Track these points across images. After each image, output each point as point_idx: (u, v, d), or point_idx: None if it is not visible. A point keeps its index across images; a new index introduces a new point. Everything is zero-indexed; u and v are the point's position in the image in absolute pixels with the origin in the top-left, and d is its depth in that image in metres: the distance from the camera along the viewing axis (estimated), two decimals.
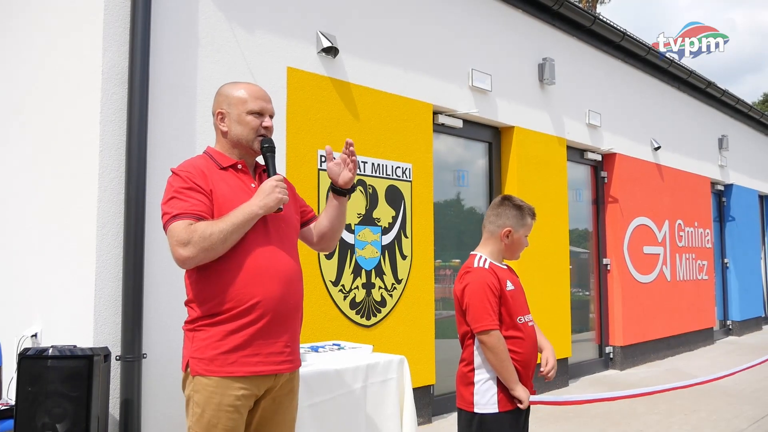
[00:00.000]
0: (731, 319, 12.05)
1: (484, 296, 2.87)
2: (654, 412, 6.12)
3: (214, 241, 2.33)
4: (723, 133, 11.72)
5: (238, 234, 2.39)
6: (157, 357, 3.78)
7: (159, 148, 3.90)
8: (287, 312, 2.50)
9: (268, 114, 2.63)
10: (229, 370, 2.38)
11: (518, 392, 2.90)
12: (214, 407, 2.38)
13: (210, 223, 2.36)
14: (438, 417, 5.77)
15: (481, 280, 2.91)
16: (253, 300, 2.41)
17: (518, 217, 3.07)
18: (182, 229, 2.35)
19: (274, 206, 2.45)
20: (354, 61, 5.21)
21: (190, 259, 2.36)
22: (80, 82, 3.91)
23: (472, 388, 2.93)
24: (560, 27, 7.63)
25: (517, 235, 3.06)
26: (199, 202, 2.42)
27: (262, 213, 2.43)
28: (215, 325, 2.41)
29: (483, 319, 2.86)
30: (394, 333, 5.32)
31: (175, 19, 4.07)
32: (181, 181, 2.46)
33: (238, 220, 2.37)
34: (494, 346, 2.85)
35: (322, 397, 3.45)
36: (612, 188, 8.62)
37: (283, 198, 2.47)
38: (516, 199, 3.12)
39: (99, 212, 3.68)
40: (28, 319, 4.09)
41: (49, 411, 3.10)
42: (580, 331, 8.14)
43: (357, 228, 5.13)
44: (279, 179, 2.50)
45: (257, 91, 2.66)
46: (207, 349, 2.41)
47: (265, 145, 2.59)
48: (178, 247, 2.35)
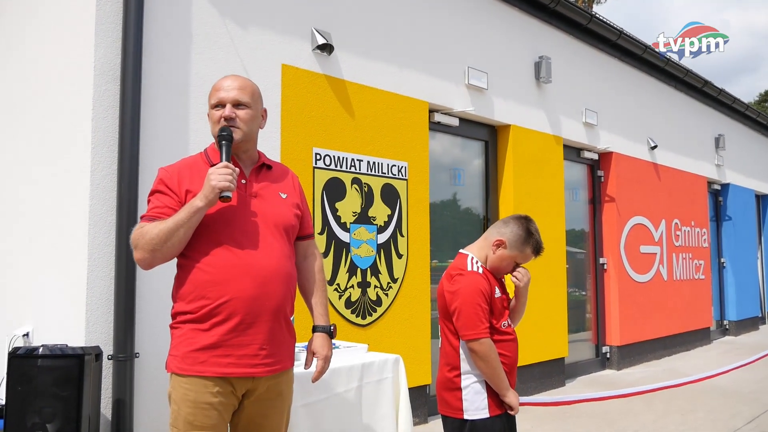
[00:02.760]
0: (728, 319, 12.04)
1: (476, 303, 2.75)
2: (650, 411, 6.10)
3: (156, 242, 2.32)
4: (719, 133, 11.71)
5: (184, 230, 2.32)
6: (149, 356, 3.74)
7: (151, 146, 3.86)
8: (262, 313, 2.40)
9: (229, 102, 2.50)
10: (199, 369, 2.35)
11: (509, 398, 2.81)
12: (190, 404, 2.34)
13: (156, 224, 2.35)
14: (434, 417, 5.73)
15: (474, 286, 2.78)
16: (223, 299, 2.35)
17: (520, 239, 2.90)
18: (135, 231, 2.41)
19: (212, 195, 2.30)
20: (349, 59, 5.18)
21: (141, 261, 2.40)
22: (72, 79, 3.87)
23: (460, 393, 2.83)
24: (557, 25, 7.60)
25: (507, 253, 2.90)
26: (162, 205, 2.42)
27: (202, 204, 2.31)
28: (187, 322, 2.39)
29: (475, 326, 2.74)
30: (389, 332, 5.29)
31: (168, 16, 4.03)
32: (156, 183, 2.50)
33: (179, 217, 2.33)
34: (486, 355, 2.75)
35: (317, 396, 3.41)
36: (608, 187, 8.60)
37: (222, 185, 2.29)
38: (533, 226, 2.94)
39: (91, 210, 3.64)
40: (20, 318, 4.05)
41: (40, 411, 3.07)
42: (576, 331, 8.11)
43: (352, 227, 5.10)
44: (221, 166, 2.34)
45: (221, 82, 2.56)
46: (180, 346, 2.39)
47: (221, 134, 2.45)
48: (133, 249, 2.41)
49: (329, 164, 4.96)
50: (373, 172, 5.28)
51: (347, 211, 5.07)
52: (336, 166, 5.01)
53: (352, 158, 5.12)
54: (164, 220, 2.35)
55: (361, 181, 5.19)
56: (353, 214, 5.12)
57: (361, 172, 5.19)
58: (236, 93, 2.52)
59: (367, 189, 5.24)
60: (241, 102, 2.52)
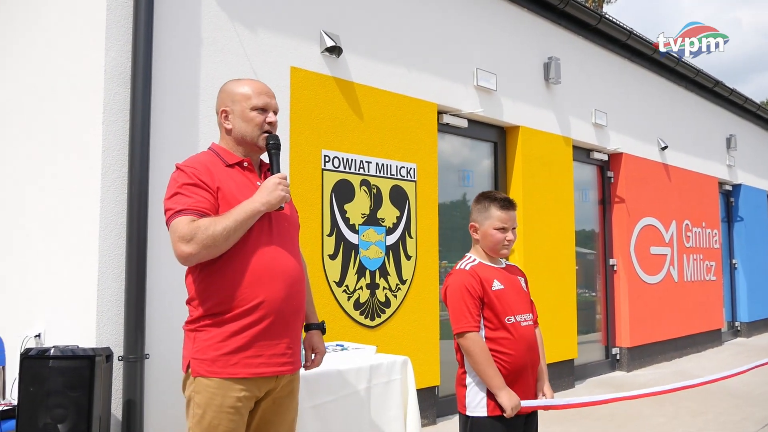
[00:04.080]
0: (739, 321, 11.96)
1: (460, 298, 2.84)
2: (660, 414, 6.08)
3: (217, 239, 2.30)
4: (731, 133, 11.64)
5: (241, 231, 2.36)
6: (159, 357, 3.77)
7: (161, 148, 3.89)
8: (290, 313, 2.48)
9: (272, 110, 2.59)
10: (231, 372, 2.36)
11: (501, 398, 2.77)
12: (215, 409, 2.35)
13: (213, 220, 2.33)
14: (442, 418, 5.73)
15: (458, 282, 2.88)
16: (256, 300, 2.38)
17: (480, 209, 3.01)
18: (185, 225, 2.31)
19: (276, 204, 2.43)
20: (358, 61, 5.19)
21: (192, 255, 2.32)
22: (83, 82, 3.91)
23: (465, 390, 2.90)
24: (566, 26, 7.59)
25: (483, 229, 2.98)
26: (203, 199, 2.39)
27: (264, 210, 2.40)
28: (217, 325, 2.38)
29: (458, 320, 2.83)
30: (398, 334, 5.30)
31: (177, 19, 4.06)
32: (186, 177, 2.43)
33: (240, 217, 2.34)
34: (469, 348, 2.80)
35: (325, 398, 3.43)
36: (618, 188, 8.58)
37: (286, 196, 2.45)
38: (485, 193, 3.06)
39: (102, 212, 3.67)
40: (31, 320, 4.08)
41: (51, 411, 3.10)
42: (586, 332, 8.09)
43: (361, 228, 5.12)
44: (282, 177, 2.48)
45: (260, 86, 2.62)
46: (209, 349, 2.38)
47: (270, 142, 2.55)
48: (181, 243, 2.31)
49: (338, 166, 4.97)
50: (381, 173, 5.29)
51: (356, 213, 5.09)
52: (345, 167, 5.02)
53: (361, 160, 5.14)
54: (221, 218, 2.34)
55: (369, 182, 5.21)
56: (362, 216, 5.13)
57: (369, 174, 5.20)
58: (275, 101, 2.63)
59: (376, 191, 5.26)
60: (276, 111, 2.63)
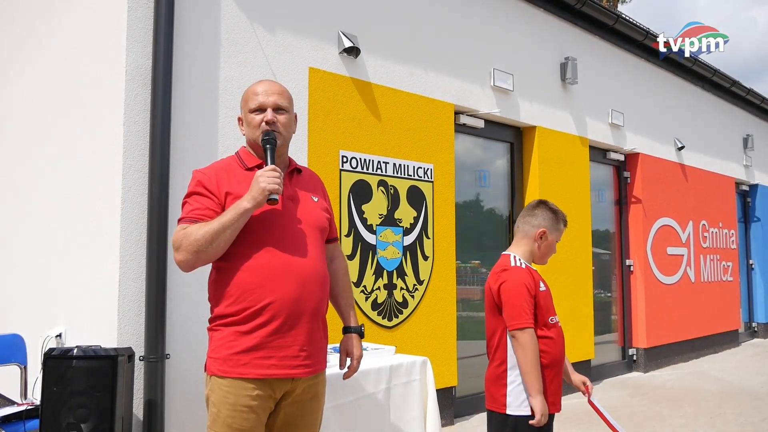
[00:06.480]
0: (756, 321, 11.86)
1: (521, 294, 2.88)
2: (679, 415, 6.04)
3: (201, 243, 2.32)
4: (748, 133, 11.55)
5: (231, 231, 2.34)
6: (180, 357, 3.79)
7: (182, 149, 3.91)
8: (303, 314, 2.44)
9: (270, 107, 2.53)
10: (241, 372, 2.36)
11: (536, 403, 2.82)
12: (229, 407, 2.36)
13: (199, 225, 2.35)
14: (460, 419, 5.72)
15: (519, 279, 2.92)
16: (265, 301, 2.38)
17: (553, 220, 3.14)
18: (176, 233, 2.39)
19: (260, 196, 2.33)
20: (375, 61, 5.19)
21: (183, 262, 2.39)
22: (104, 84, 3.93)
23: (505, 389, 2.90)
24: (582, 26, 7.56)
25: (551, 238, 3.12)
26: (201, 206, 2.42)
27: (250, 206, 2.34)
28: (229, 325, 2.40)
29: (520, 316, 2.86)
30: (415, 334, 5.29)
31: (197, 20, 4.08)
32: (193, 185, 2.50)
33: (226, 218, 2.34)
34: (526, 344, 2.83)
35: (346, 398, 3.44)
36: (635, 188, 8.53)
37: (271, 188, 2.33)
38: (551, 204, 3.19)
39: (123, 213, 3.69)
40: (53, 320, 4.11)
41: (74, 411, 3.11)
42: (602, 333, 8.05)
43: (378, 229, 5.11)
44: (268, 169, 2.38)
45: (257, 87, 2.58)
46: (221, 348, 2.40)
47: (264, 138, 2.49)
48: (173, 251, 2.40)
49: (355, 167, 4.98)
50: (399, 174, 5.29)
51: (373, 214, 5.09)
52: (362, 168, 5.02)
53: (378, 160, 5.14)
54: (208, 222, 2.36)
55: (387, 183, 5.20)
56: (379, 217, 5.13)
57: (387, 175, 5.20)
58: (276, 97, 2.55)
59: (393, 191, 5.25)
60: (280, 107, 2.56)
